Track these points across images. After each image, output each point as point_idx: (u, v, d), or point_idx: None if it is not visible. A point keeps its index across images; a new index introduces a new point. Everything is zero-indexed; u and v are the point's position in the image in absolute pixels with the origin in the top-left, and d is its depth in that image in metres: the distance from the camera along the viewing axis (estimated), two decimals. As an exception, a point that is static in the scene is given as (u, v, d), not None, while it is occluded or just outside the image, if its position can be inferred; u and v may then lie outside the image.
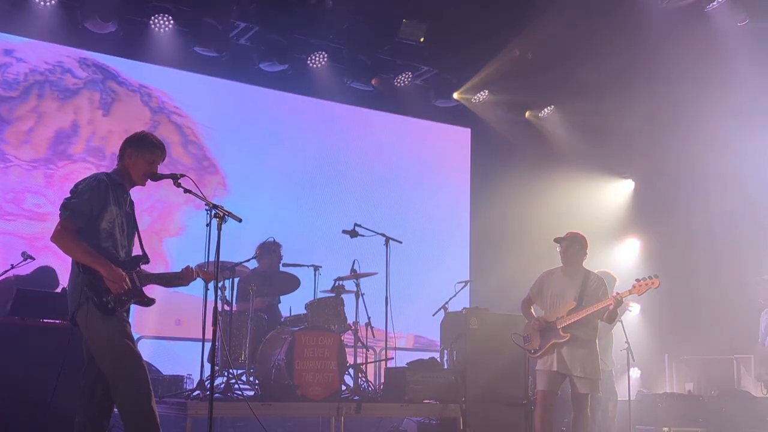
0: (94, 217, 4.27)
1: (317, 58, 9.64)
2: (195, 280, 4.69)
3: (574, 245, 6.34)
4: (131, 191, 4.58)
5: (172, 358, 8.18)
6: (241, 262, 7.26)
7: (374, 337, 7.80)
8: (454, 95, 10.69)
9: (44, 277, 7.05)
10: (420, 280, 10.06)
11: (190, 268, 4.64)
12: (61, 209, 4.30)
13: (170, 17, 8.71)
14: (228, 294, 7.19)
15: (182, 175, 4.55)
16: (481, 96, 10.69)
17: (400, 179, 10.83)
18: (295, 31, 9.38)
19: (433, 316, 8.33)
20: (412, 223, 10.32)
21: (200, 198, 4.57)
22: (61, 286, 6.91)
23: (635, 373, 9.25)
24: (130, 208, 4.54)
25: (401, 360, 8.10)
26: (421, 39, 9.44)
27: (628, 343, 7.24)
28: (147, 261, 4.48)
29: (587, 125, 10.85)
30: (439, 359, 8.05)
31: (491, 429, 7.36)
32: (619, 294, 6.08)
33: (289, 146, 10.03)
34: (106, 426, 4.33)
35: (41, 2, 8.23)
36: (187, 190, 4.55)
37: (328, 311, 7.39)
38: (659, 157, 10.61)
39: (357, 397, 7.19)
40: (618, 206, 11.47)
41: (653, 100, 10.25)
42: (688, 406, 8.48)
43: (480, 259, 11.17)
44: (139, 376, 4.22)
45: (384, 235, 7.91)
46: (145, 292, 4.46)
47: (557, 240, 6.42)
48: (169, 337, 8.66)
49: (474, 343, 7.59)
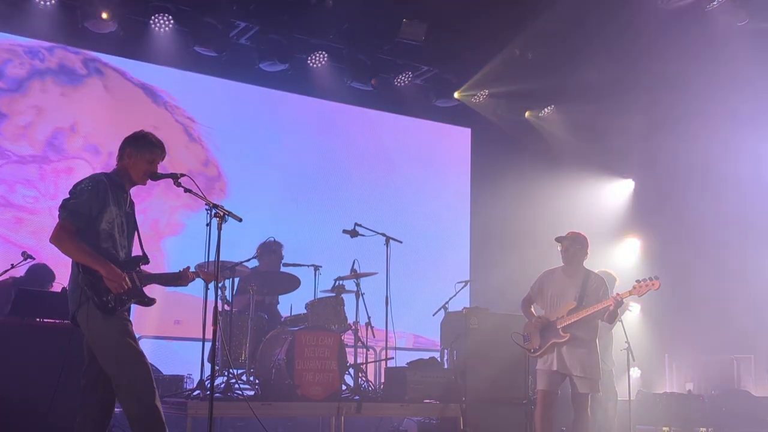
0: (93, 217, 4.25)
1: (317, 58, 9.64)
2: (194, 281, 4.70)
3: (575, 245, 6.34)
4: (131, 191, 4.57)
5: (172, 357, 8.18)
6: (241, 262, 7.26)
7: (374, 336, 7.80)
8: (455, 95, 10.69)
9: (39, 275, 6.99)
10: (420, 280, 10.06)
11: (189, 269, 4.64)
12: (59, 210, 4.28)
13: (170, 17, 8.71)
14: (228, 294, 7.20)
15: (182, 175, 4.53)
16: (481, 96, 10.68)
17: (400, 179, 10.83)
18: (295, 31, 9.38)
19: (433, 316, 8.34)
20: (412, 222, 10.31)
21: (200, 197, 4.56)
22: (57, 282, 6.90)
23: (635, 373, 9.23)
24: (130, 209, 4.52)
25: (401, 360, 8.08)
26: (422, 39, 9.44)
27: (628, 343, 7.23)
28: (147, 261, 4.47)
29: (587, 125, 10.85)
30: (439, 359, 8.06)
31: (491, 429, 7.36)
32: (619, 294, 6.08)
33: (289, 146, 10.04)
34: (106, 425, 4.33)
35: (41, 2, 8.23)
36: (187, 189, 4.54)
37: (328, 311, 7.39)
38: (659, 157, 10.62)
39: (357, 397, 7.19)
40: (618, 206, 11.48)
41: (653, 100, 10.26)
42: (688, 406, 8.48)
43: (480, 259, 11.17)
44: (143, 375, 4.21)
45: (384, 235, 7.90)
46: (146, 292, 4.45)
47: (558, 239, 6.41)
48: (169, 336, 8.66)
49: (474, 343, 7.59)
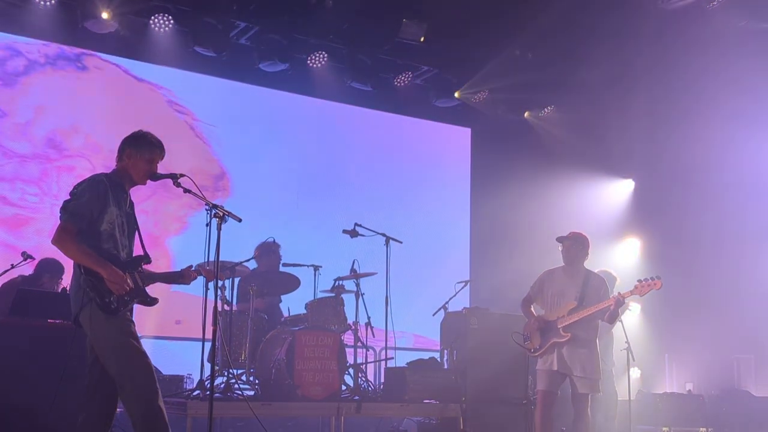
0: (94, 218, 4.24)
1: (317, 58, 9.64)
2: (196, 279, 4.70)
3: (577, 245, 6.34)
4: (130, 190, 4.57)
5: (172, 357, 8.16)
6: (241, 262, 7.26)
7: (374, 336, 7.80)
8: (455, 95, 10.68)
9: (48, 268, 6.94)
10: (420, 280, 10.06)
11: (191, 268, 4.65)
12: (60, 211, 4.27)
13: (170, 17, 8.70)
14: (228, 294, 7.20)
15: (182, 175, 4.52)
16: (481, 96, 10.68)
17: (400, 179, 10.83)
18: (295, 31, 9.37)
19: (433, 316, 8.33)
20: (412, 222, 10.31)
21: (200, 198, 4.55)
22: (68, 275, 6.88)
23: (635, 373, 9.23)
24: (130, 209, 4.52)
25: (401, 360, 8.08)
26: (421, 39, 9.43)
27: (628, 342, 7.22)
28: (148, 261, 4.47)
29: (587, 125, 10.83)
30: (439, 359, 8.05)
31: (491, 429, 7.36)
32: (620, 294, 6.08)
33: (289, 146, 10.04)
34: (108, 426, 4.32)
35: (41, 2, 8.22)
36: (186, 189, 4.54)
37: (328, 311, 7.39)
38: (659, 157, 10.60)
39: (357, 397, 7.19)
40: (618, 206, 11.46)
41: (653, 100, 10.24)
42: (688, 406, 8.48)
43: (480, 259, 11.17)
44: (146, 375, 4.20)
45: (384, 235, 7.90)
46: (148, 292, 4.45)
47: (559, 239, 6.41)
48: (169, 336, 8.66)
49: (474, 343, 7.59)
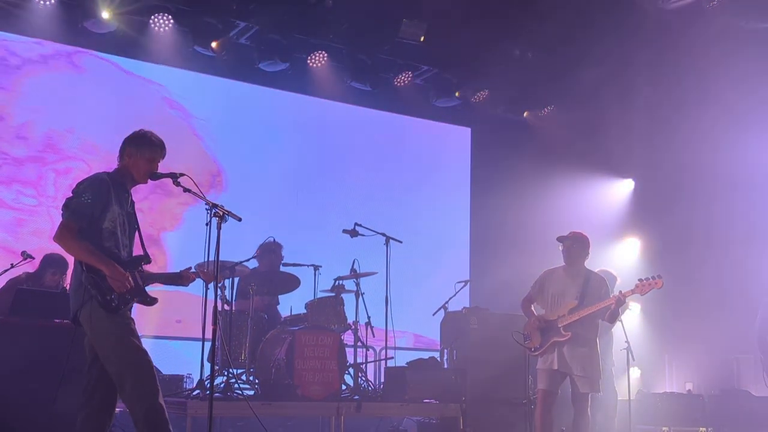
0: (96, 216, 4.26)
1: (317, 58, 9.64)
2: (194, 281, 4.70)
3: (577, 245, 6.34)
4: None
5: (172, 357, 8.16)
6: (241, 262, 7.26)
7: (374, 336, 7.80)
8: (455, 95, 10.68)
9: (52, 263, 6.90)
10: (420, 280, 10.05)
11: (190, 269, 4.65)
12: (62, 209, 4.30)
13: (170, 16, 8.70)
14: (228, 294, 7.19)
15: (182, 174, 4.53)
16: (481, 96, 10.68)
17: (400, 179, 10.82)
18: (295, 30, 9.37)
19: (433, 315, 8.34)
20: (412, 222, 10.31)
21: (200, 197, 4.56)
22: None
23: (635, 372, 9.23)
24: (131, 208, 4.53)
25: (401, 360, 8.07)
26: (421, 39, 9.43)
27: (628, 342, 7.22)
28: (149, 261, 4.48)
29: (587, 125, 10.83)
30: (439, 359, 8.05)
31: (491, 429, 7.36)
32: (622, 293, 6.08)
33: (289, 145, 10.03)
34: (108, 425, 4.33)
35: (41, 1, 8.22)
36: (186, 189, 4.54)
37: (328, 311, 7.39)
38: (659, 157, 10.60)
39: (357, 397, 7.19)
40: (618, 206, 11.46)
41: (653, 100, 10.24)
42: (688, 406, 8.47)
43: (480, 259, 11.16)
44: (147, 373, 4.21)
45: (384, 235, 7.90)
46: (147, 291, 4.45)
47: (560, 239, 6.41)
48: (169, 336, 8.65)
49: (474, 343, 7.60)
